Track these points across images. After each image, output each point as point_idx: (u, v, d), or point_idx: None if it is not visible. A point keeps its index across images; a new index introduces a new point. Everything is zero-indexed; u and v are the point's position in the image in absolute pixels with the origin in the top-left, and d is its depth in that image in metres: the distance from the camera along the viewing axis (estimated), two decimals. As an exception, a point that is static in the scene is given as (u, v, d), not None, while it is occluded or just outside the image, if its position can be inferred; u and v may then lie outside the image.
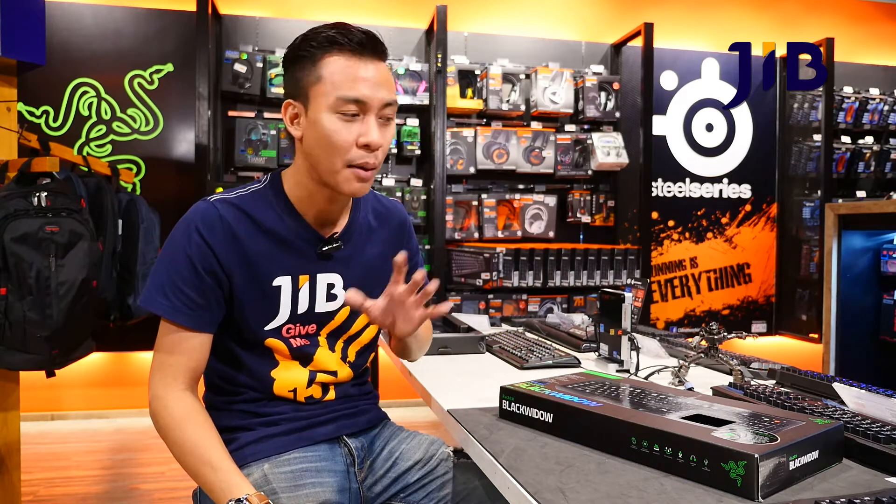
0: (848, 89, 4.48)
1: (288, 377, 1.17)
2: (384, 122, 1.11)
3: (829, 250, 2.44)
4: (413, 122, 3.83)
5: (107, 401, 3.77)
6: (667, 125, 4.37)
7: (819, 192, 4.24)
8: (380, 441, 1.26)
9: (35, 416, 3.62)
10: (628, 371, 1.50)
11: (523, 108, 3.99)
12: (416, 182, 3.86)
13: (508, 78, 3.93)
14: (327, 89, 1.07)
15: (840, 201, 4.13)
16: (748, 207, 4.52)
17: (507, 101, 3.92)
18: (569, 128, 4.05)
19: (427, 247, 3.77)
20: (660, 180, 4.35)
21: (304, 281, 1.16)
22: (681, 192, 4.41)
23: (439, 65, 3.67)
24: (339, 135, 1.07)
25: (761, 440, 0.84)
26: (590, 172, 4.03)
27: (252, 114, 3.68)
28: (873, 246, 2.47)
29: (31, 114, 3.56)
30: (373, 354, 1.33)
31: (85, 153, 3.50)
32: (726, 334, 1.45)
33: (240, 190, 1.17)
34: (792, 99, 4.48)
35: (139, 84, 3.70)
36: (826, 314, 2.46)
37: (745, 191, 4.51)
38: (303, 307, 1.16)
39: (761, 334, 4.51)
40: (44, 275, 2.03)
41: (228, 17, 3.76)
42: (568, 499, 0.80)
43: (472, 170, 3.84)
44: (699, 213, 4.44)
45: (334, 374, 1.21)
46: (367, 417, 1.27)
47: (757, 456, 0.78)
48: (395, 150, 3.80)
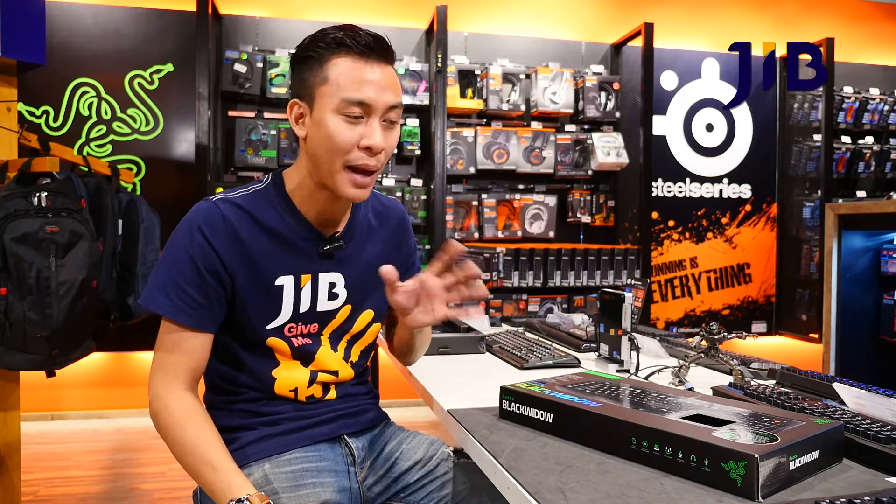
0: (848, 89, 4.48)
1: (289, 377, 1.17)
2: (388, 125, 1.11)
3: (829, 250, 2.44)
4: (413, 122, 3.83)
5: (107, 401, 3.77)
6: (667, 125, 4.37)
7: (819, 192, 4.24)
8: (380, 441, 1.26)
9: (35, 416, 3.62)
10: (628, 371, 1.50)
11: (523, 108, 3.99)
12: (417, 182, 3.86)
13: (508, 78, 3.93)
14: (332, 90, 1.07)
15: (840, 201, 4.13)
16: (748, 207, 4.52)
17: (508, 101, 3.92)
18: (569, 128, 4.05)
19: (427, 247, 3.77)
20: (660, 180, 4.35)
21: (306, 280, 1.17)
22: (681, 192, 4.41)
23: (439, 65, 3.67)
24: (342, 136, 1.07)
25: (761, 440, 0.84)
26: (590, 172, 4.04)
27: (252, 114, 3.68)
28: (873, 246, 2.47)
29: (31, 114, 3.56)
30: (373, 355, 1.33)
31: (85, 153, 3.50)
32: (726, 334, 1.45)
33: (242, 190, 1.17)
34: (792, 99, 4.48)
35: (139, 84, 3.70)
36: (826, 314, 2.46)
37: (745, 191, 4.51)
38: (305, 306, 1.17)
39: (761, 334, 4.51)
40: (44, 275, 2.03)
41: (228, 17, 3.76)
42: (568, 499, 0.80)
43: (472, 170, 3.84)
44: (699, 213, 4.44)
45: (335, 373, 1.21)
46: (368, 417, 1.27)
47: (757, 456, 0.78)
48: (395, 150, 3.80)
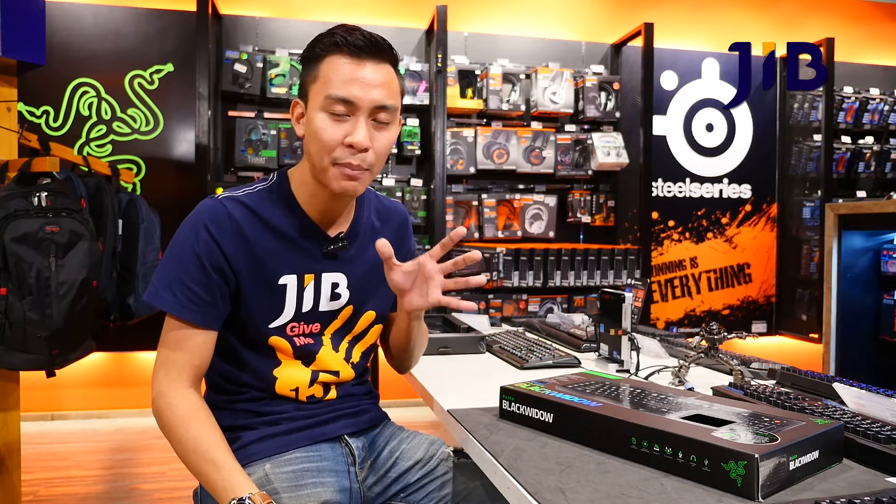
0: (848, 89, 4.48)
1: (290, 376, 1.17)
2: (379, 125, 1.12)
3: (829, 250, 2.44)
4: (413, 122, 3.84)
5: (107, 401, 3.77)
6: (667, 125, 4.37)
7: (819, 192, 4.24)
8: (380, 441, 1.26)
9: (35, 416, 3.62)
10: (628, 371, 1.50)
11: (523, 108, 3.99)
12: (417, 182, 3.86)
13: (508, 78, 3.93)
14: (321, 88, 1.09)
15: (840, 201, 4.13)
16: (748, 207, 4.52)
17: (508, 101, 3.92)
18: (569, 128, 4.05)
19: (427, 247, 3.77)
20: (660, 180, 4.35)
21: (309, 280, 1.17)
22: (681, 192, 4.41)
23: (439, 65, 3.67)
24: (327, 132, 1.08)
25: (761, 440, 0.84)
26: (590, 172, 4.03)
27: (252, 114, 3.68)
28: (873, 246, 2.47)
29: (32, 114, 3.56)
30: (373, 355, 1.33)
31: (85, 153, 3.50)
32: (726, 334, 1.45)
33: (247, 188, 1.18)
34: (792, 99, 4.48)
35: (139, 84, 3.70)
36: (826, 314, 2.45)
37: (745, 191, 4.51)
38: (307, 306, 1.17)
39: (761, 334, 4.51)
40: (44, 275, 2.03)
41: (228, 17, 3.76)
42: (568, 499, 0.80)
43: (472, 170, 3.84)
44: (699, 213, 4.44)
45: (336, 373, 1.21)
46: (368, 417, 1.27)
47: (757, 456, 0.78)
48: (395, 150, 3.81)
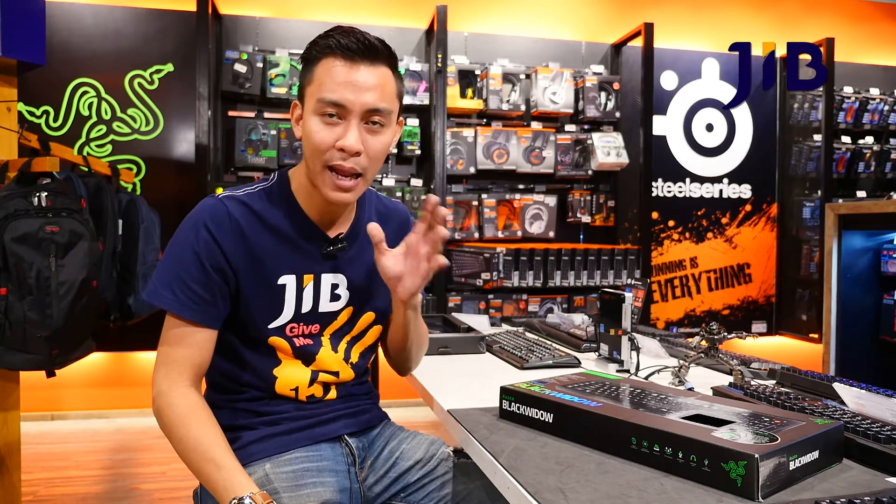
0: (848, 89, 4.48)
1: (290, 376, 1.17)
2: (373, 127, 1.11)
3: (829, 250, 2.44)
4: (413, 122, 3.84)
5: (107, 401, 3.77)
6: (667, 125, 4.37)
7: (819, 192, 4.24)
8: (380, 441, 1.26)
9: (35, 416, 3.62)
10: (628, 371, 1.51)
11: (523, 108, 3.99)
12: (416, 182, 3.86)
13: (508, 78, 3.93)
14: (314, 91, 1.09)
15: (840, 201, 4.13)
16: (748, 207, 4.52)
17: (508, 101, 3.92)
18: (569, 128, 4.05)
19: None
20: (660, 180, 4.35)
21: (308, 280, 1.17)
22: (681, 192, 4.41)
23: (439, 65, 3.67)
24: (318, 136, 1.08)
25: (761, 440, 0.84)
26: (590, 172, 4.03)
27: (252, 114, 3.68)
28: (873, 246, 2.47)
29: (32, 114, 3.56)
30: (373, 356, 1.33)
31: (85, 153, 3.50)
32: (726, 334, 1.45)
33: (248, 187, 1.18)
34: (792, 99, 4.48)
35: (139, 84, 3.70)
36: (826, 314, 2.45)
37: (745, 191, 4.51)
38: (307, 307, 1.17)
39: (761, 334, 4.51)
40: (44, 275, 2.03)
41: (228, 17, 3.76)
42: (568, 499, 0.80)
43: (472, 170, 3.84)
44: (699, 213, 4.44)
45: (336, 374, 1.21)
46: (368, 417, 1.27)
47: (757, 456, 0.78)
48: (395, 150, 3.81)
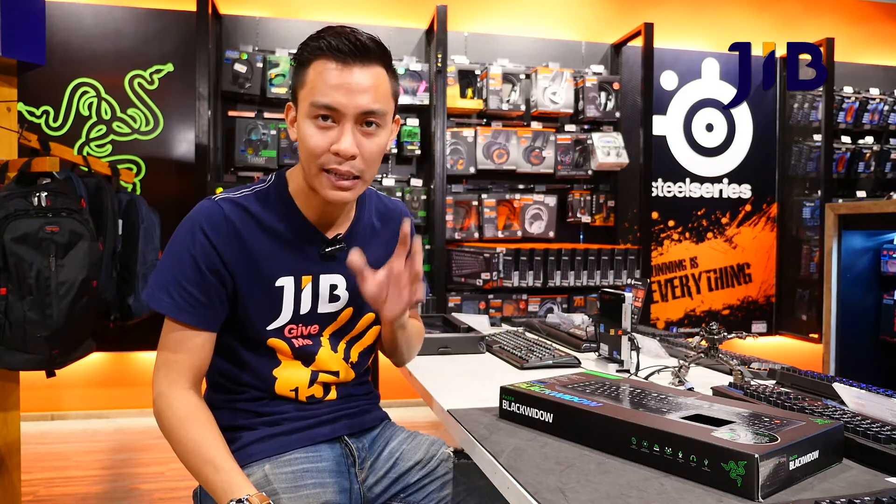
0: (848, 89, 4.48)
1: (289, 376, 1.17)
2: (368, 129, 1.09)
3: (829, 250, 2.44)
4: (413, 122, 3.83)
5: (107, 401, 3.77)
6: (667, 125, 4.37)
7: (819, 192, 4.24)
8: (380, 441, 1.26)
9: (35, 416, 3.62)
10: (628, 371, 1.50)
11: (523, 108, 3.99)
12: (416, 182, 3.86)
13: (508, 78, 3.93)
14: (307, 94, 1.08)
15: (840, 201, 4.13)
16: (748, 207, 4.52)
17: (507, 101, 3.92)
18: (569, 128, 4.05)
19: (427, 247, 3.77)
20: (660, 180, 4.35)
21: (306, 282, 1.16)
22: (681, 192, 4.41)
23: (439, 65, 3.67)
24: (313, 139, 1.07)
25: (761, 440, 0.84)
26: (590, 172, 4.03)
27: (252, 114, 3.68)
28: (873, 246, 2.47)
29: (31, 114, 3.56)
30: (373, 355, 1.33)
31: (85, 153, 3.50)
32: (726, 334, 1.45)
33: (244, 189, 1.17)
34: (792, 99, 4.48)
35: (139, 84, 3.70)
36: (826, 314, 2.46)
37: (745, 191, 4.51)
38: (305, 308, 1.17)
39: (761, 334, 4.51)
40: (44, 275, 2.03)
41: (228, 17, 3.76)
42: (568, 499, 0.80)
43: (472, 170, 3.84)
44: (699, 213, 4.44)
45: (336, 374, 1.21)
46: (369, 417, 1.26)
47: (757, 456, 0.78)
48: (395, 150, 3.81)
